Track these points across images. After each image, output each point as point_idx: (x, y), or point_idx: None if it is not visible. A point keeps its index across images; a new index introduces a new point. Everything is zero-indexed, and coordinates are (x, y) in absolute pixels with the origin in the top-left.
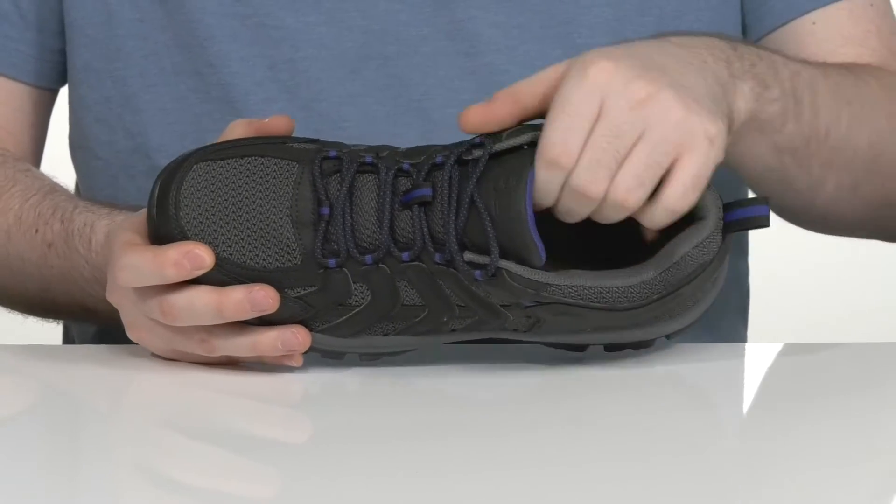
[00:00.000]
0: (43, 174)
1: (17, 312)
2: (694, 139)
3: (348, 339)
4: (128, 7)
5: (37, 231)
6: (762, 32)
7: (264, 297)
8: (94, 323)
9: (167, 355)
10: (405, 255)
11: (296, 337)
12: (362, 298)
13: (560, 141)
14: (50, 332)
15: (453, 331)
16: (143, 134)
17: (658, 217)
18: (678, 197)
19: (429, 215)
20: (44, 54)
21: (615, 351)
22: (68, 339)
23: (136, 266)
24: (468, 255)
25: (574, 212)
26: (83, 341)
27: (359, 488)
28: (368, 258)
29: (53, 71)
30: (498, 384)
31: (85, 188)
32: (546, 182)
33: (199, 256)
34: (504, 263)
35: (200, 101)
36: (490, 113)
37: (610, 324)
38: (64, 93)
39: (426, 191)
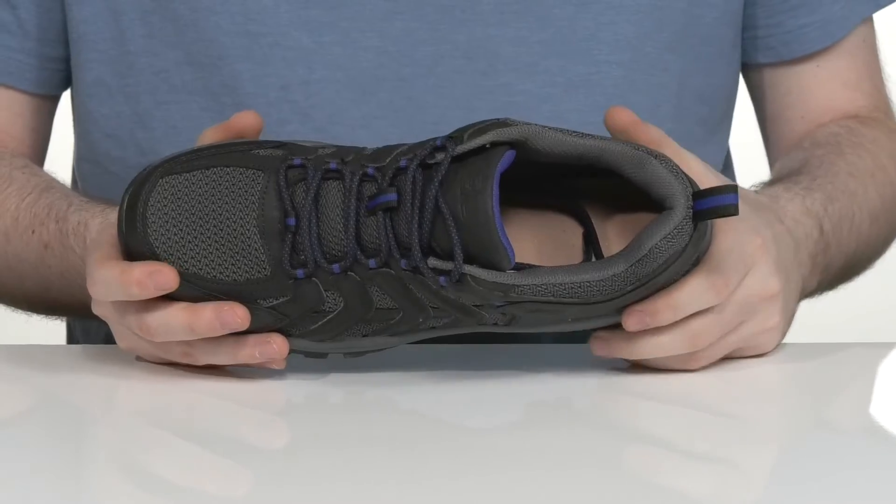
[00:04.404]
0: (41, 170)
1: (20, 311)
2: (764, 348)
3: (327, 342)
4: (138, 24)
5: (33, 232)
6: (775, 60)
7: (233, 317)
8: (94, 319)
9: (156, 361)
10: (372, 263)
11: (273, 346)
12: (335, 305)
13: (729, 274)
14: (51, 332)
15: (433, 328)
16: (155, 151)
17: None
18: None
19: (394, 221)
20: (44, 63)
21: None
22: (72, 340)
23: (106, 281)
24: (432, 262)
25: (665, 346)
26: (87, 342)
27: (336, 495)
28: (336, 267)
29: (54, 78)
30: (486, 392)
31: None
32: (698, 295)
33: (164, 277)
34: (468, 268)
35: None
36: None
37: (588, 315)
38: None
39: (391, 196)
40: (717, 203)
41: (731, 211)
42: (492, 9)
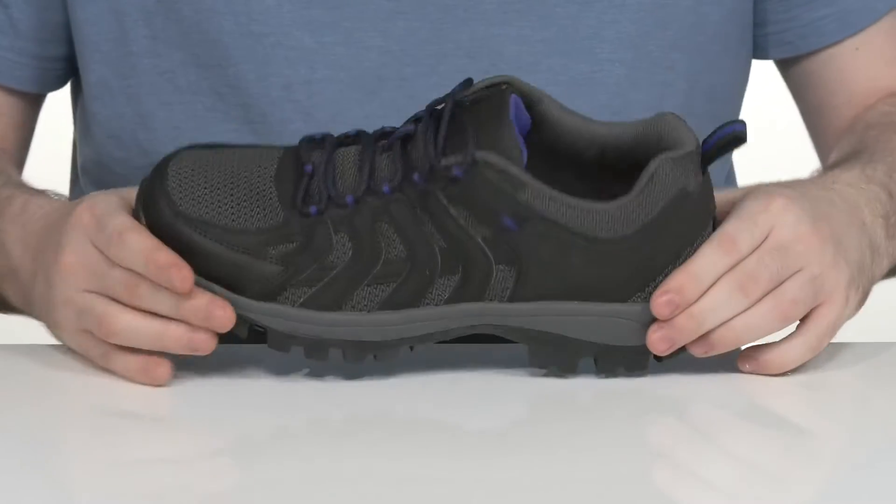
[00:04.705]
0: (2, 161)
1: None
2: (837, 293)
3: (329, 312)
4: (141, 24)
5: None
6: (791, 54)
7: (223, 311)
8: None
9: (93, 291)
10: (385, 188)
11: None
12: (343, 254)
13: (734, 232)
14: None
15: (436, 305)
16: (158, 152)
17: (773, 364)
18: (812, 341)
19: (410, 148)
20: (36, 62)
21: (608, 373)
22: None
23: (137, 251)
24: (445, 161)
25: (720, 304)
26: None
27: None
28: (349, 198)
29: (46, 77)
30: (487, 390)
31: None
32: (711, 260)
33: (182, 277)
34: (481, 154)
35: (219, 121)
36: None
37: (596, 276)
38: (56, 97)
39: (408, 128)
40: (724, 133)
41: (740, 136)
42: (494, 8)
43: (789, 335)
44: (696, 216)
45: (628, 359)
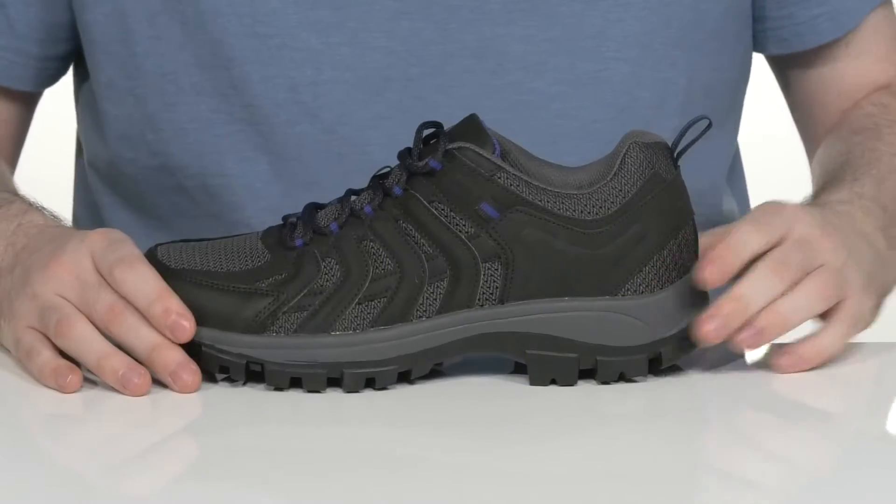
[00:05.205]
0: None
1: None
2: (857, 289)
3: (321, 335)
4: (145, 25)
5: None
6: (787, 51)
7: (188, 378)
8: None
9: (75, 304)
10: (367, 209)
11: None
12: (331, 277)
13: (762, 217)
14: None
15: (428, 317)
16: (165, 153)
17: (809, 354)
18: (844, 329)
19: (386, 181)
20: (34, 61)
21: (608, 381)
22: None
23: (147, 284)
24: (421, 162)
25: (758, 287)
26: None
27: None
28: (333, 226)
29: (42, 76)
30: (490, 400)
31: (112, 201)
32: (744, 237)
33: (185, 329)
34: (455, 144)
35: (223, 123)
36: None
37: (584, 267)
38: (57, 98)
39: (385, 168)
40: (689, 124)
41: (705, 123)
42: (499, 8)
43: (821, 327)
44: (675, 207)
45: (627, 362)
